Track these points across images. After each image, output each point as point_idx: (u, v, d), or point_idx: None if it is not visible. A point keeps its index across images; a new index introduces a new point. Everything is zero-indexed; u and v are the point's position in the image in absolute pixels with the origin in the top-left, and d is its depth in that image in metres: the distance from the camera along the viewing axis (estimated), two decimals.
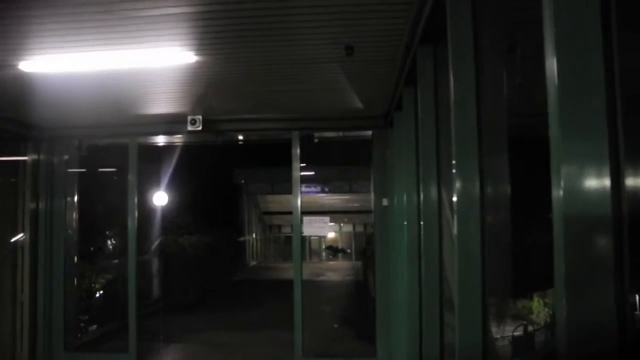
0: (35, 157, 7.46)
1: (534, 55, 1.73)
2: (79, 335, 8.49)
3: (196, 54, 4.43)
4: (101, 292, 10.04)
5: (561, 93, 1.47)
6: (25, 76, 4.82)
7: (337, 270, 22.22)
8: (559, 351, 1.48)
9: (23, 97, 5.60)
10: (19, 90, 5.31)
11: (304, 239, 8.32)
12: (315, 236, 30.52)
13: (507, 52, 2.45)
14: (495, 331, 3.31)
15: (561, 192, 1.44)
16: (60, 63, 4.54)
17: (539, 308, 4.62)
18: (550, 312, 4.35)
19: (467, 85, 2.74)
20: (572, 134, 1.46)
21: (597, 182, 1.44)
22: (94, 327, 9.18)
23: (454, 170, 2.74)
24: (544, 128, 1.52)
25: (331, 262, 30.09)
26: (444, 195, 3.89)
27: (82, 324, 8.73)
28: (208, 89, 5.61)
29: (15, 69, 4.64)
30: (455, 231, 2.76)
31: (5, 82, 5.07)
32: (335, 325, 10.27)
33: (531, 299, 4.66)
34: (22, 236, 7.30)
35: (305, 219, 7.43)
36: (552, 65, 1.50)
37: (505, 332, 3.78)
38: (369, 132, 7.54)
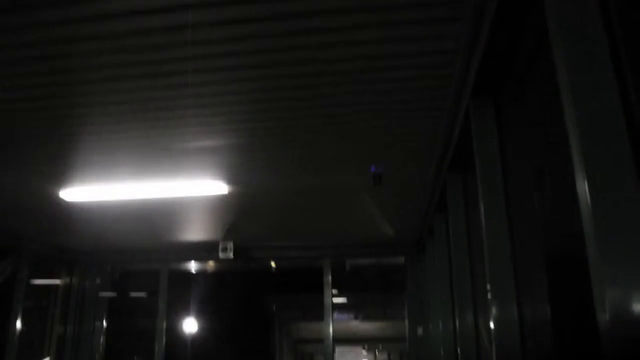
0: (67, 280, 7.52)
1: (564, 176, 1.70)
2: None
3: (228, 184, 4.55)
4: None
5: (595, 213, 1.42)
6: (65, 204, 4.99)
7: None
8: None
9: (62, 223, 5.77)
10: (58, 216, 5.48)
11: None
12: None
13: (536, 175, 2.45)
14: None
15: (607, 316, 1.35)
16: (98, 192, 4.70)
17: None
18: None
19: (497, 212, 2.71)
20: (612, 257, 1.39)
21: None
22: None
23: (489, 296, 2.63)
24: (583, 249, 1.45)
25: None
26: (481, 321, 3.72)
27: None
28: (239, 217, 5.68)
29: (56, 197, 4.82)
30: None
31: (45, 209, 5.25)
32: None
33: None
34: None
35: (338, 349, 7.15)
36: (583, 187, 1.46)
37: None
38: (402, 258, 7.43)
